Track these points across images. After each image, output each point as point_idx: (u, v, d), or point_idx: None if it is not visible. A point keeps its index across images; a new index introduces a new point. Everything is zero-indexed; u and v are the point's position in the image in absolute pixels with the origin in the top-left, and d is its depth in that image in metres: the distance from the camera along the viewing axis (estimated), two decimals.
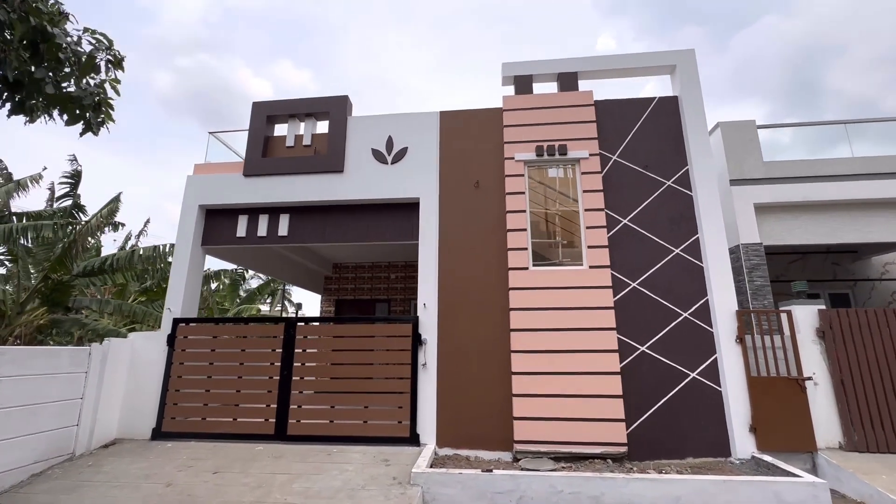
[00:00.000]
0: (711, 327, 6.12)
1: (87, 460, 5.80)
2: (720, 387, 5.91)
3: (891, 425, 5.49)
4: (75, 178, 9.35)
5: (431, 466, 5.51)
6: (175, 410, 6.54)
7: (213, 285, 15.05)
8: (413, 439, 6.09)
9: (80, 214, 9.44)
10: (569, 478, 4.77)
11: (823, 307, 5.99)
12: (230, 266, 15.52)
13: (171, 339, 6.81)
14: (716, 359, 6.00)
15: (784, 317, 6.06)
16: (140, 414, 6.55)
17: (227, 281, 17.37)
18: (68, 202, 9.24)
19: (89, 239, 9.83)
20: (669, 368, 6.03)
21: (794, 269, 11.34)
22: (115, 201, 10.75)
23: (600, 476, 4.74)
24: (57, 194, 9.06)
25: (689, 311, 6.20)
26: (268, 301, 26.85)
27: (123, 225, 10.40)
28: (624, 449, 5.72)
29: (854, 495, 4.94)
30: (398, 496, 4.71)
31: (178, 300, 7.06)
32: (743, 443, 5.64)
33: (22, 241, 8.33)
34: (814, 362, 5.85)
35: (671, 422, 5.86)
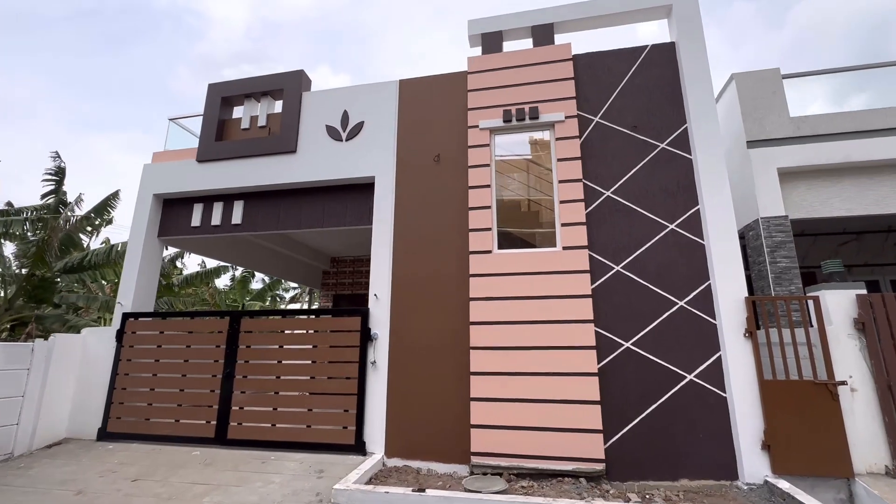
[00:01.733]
0: (714, 319, 4.96)
1: (22, 461, 5.52)
2: (725, 392, 4.76)
3: None
4: (59, 174, 9.35)
5: (371, 481, 4.78)
6: (121, 410, 6.18)
7: (220, 282, 15.06)
8: (359, 447, 5.36)
9: (67, 211, 9.43)
10: (512, 502, 3.86)
11: (863, 291, 4.68)
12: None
13: (119, 335, 6.47)
14: (719, 357, 4.85)
15: (811, 304, 4.80)
16: (89, 413, 6.25)
17: (236, 277, 17.45)
18: (52, 199, 9.24)
19: (81, 236, 9.87)
20: (661, 369, 4.94)
21: (845, 251, 9.60)
22: (111, 199, 10.76)
23: (550, 502, 3.80)
24: (42, 191, 9.07)
25: (686, 300, 5.07)
26: (304, 298, 26.83)
27: (110, 222, 10.36)
28: (601, 466, 4.71)
29: None
30: None
31: (130, 294, 6.71)
32: (753, 463, 4.48)
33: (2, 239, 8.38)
34: (850, 362, 4.57)
35: (662, 434, 4.78)
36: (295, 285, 23.75)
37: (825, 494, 4.31)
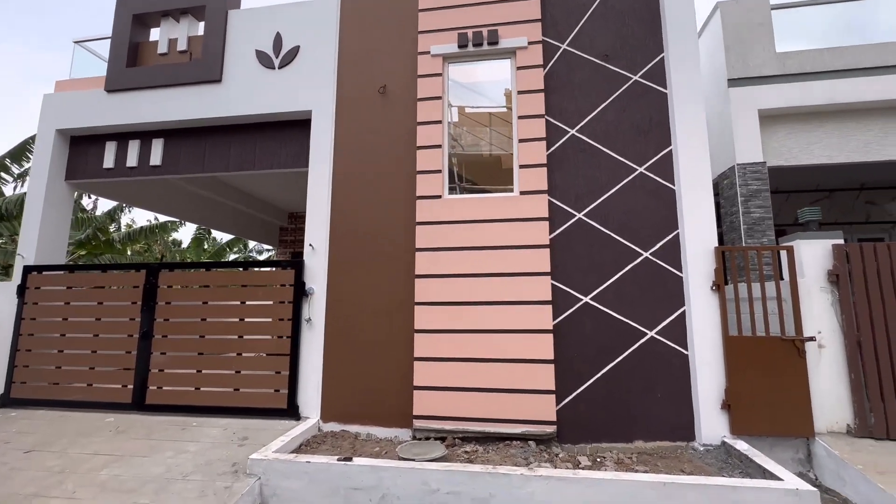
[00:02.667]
0: (681, 271, 4.52)
1: None
2: (687, 350, 4.39)
3: None
4: None
5: (302, 447, 4.32)
6: (26, 374, 5.48)
7: (174, 238, 14.03)
8: (292, 412, 4.86)
9: None
10: (448, 473, 3.44)
11: (840, 241, 4.29)
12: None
13: (21, 291, 5.67)
14: (683, 312, 4.45)
15: (783, 255, 4.39)
16: None
17: (195, 234, 16.35)
18: None
19: None
20: (620, 325, 4.52)
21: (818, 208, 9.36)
22: (30, 142, 9.52)
23: (489, 472, 3.39)
24: None
25: (652, 251, 4.59)
26: (274, 257, 25.70)
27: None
28: (551, 429, 4.35)
29: (860, 502, 3.47)
30: (220, 491, 3.51)
31: (33, 245, 5.85)
32: (711, 424, 4.18)
33: None
34: (821, 317, 4.24)
35: (618, 394, 4.41)
36: (271, 247, 22.70)
37: (783, 454, 4.06)
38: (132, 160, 6.01)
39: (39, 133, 6.15)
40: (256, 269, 5.50)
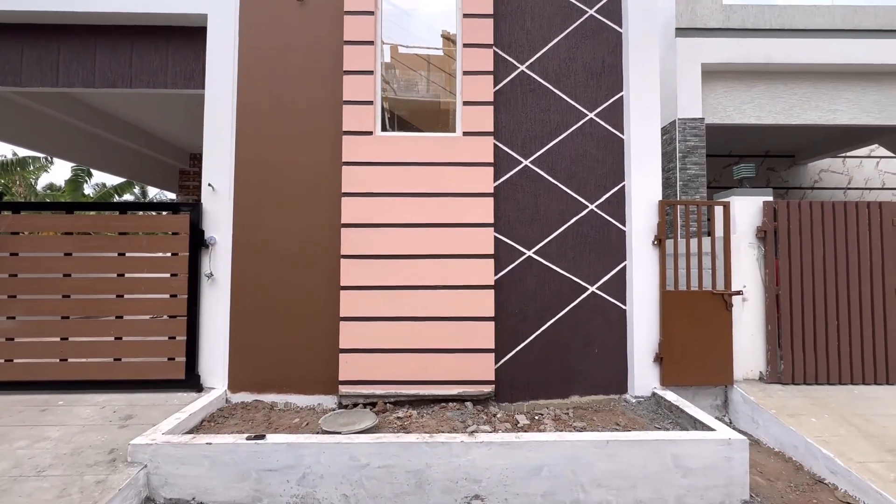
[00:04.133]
0: (625, 225, 4.37)
1: None
2: (625, 305, 4.33)
3: (826, 350, 4.24)
4: None
5: (203, 425, 3.66)
6: None
7: (51, 180, 11.54)
8: (192, 382, 4.12)
9: None
10: (379, 445, 3.04)
11: (770, 198, 4.38)
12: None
13: None
14: (624, 267, 4.34)
15: (719, 211, 4.41)
16: None
17: (70, 174, 13.67)
18: None
19: None
20: (563, 280, 4.31)
21: (727, 173, 10.02)
22: None
23: (426, 441, 3.04)
24: None
25: (598, 203, 4.37)
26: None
27: None
28: (490, 388, 4.12)
29: (772, 443, 3.71)
30: (89, 486, 2.79)
31: None
32: (644, 376, 4.22)
33: None
34: (747, 272, 4.37)
35: (557, 351, 4.28)
36: (173, 196, 19.89)
37: (703, 402, 4.25)
38: None
39: None
40: (139, 212, 4.43)
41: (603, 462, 3.01)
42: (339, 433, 3.24)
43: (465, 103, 4.29)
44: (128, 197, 14.65)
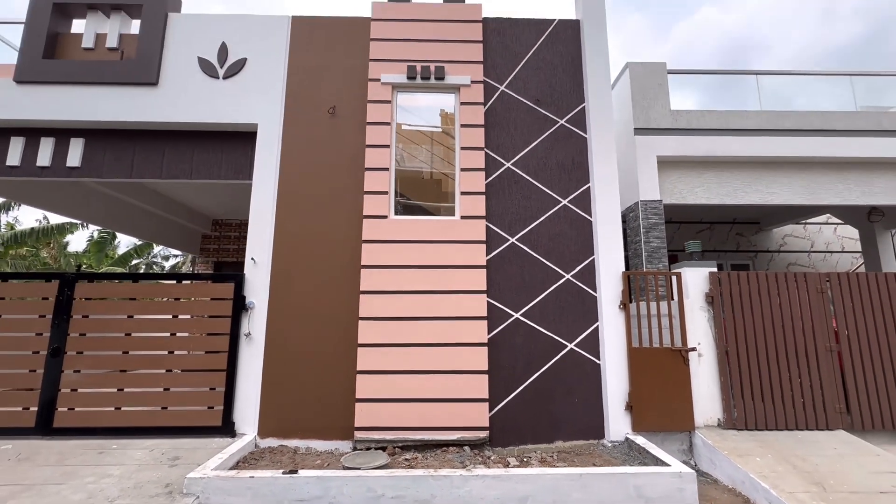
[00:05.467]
0: (595, 291, 5.24)
1: None
2: (599, 360, 5.10)
3: (772, 399, 4.95)
4: None
5: (240, 464, 4.27)
6: None
7: (76, 243, 12.52)
8: (227, 429, 4.76)
9: None
10: (392, 478, 3.68)
11: (715, 269, 5.29)
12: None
13: None
14: (597, 327, 5.16)
15: (674, 280, 5.31)
16: None
17: (97, 237, 14.69)
18: None
19: None
20: (545, 339, 5.11)
21: (701, 237, 11.11)
22: None
23: (431, 475, 3.70)
24: None
25: (573, 273, 5.28)
26: (185, 268, 23.60)
27: None
28: (485, 434, 4.77)
29: (726, 480, 4.32)
30: None
31: None
32: (617, 423, 4.89)
33: None
34: (700, 331, 5.18)
35: (542, 400, 4.98)
36: (177, 252, 20.92)
37: (672, 446, 4.87)
38: (44, 159, 5.50)
39: None
40: (191, 281, 5.30)
41: (578, 492, 3.66)
42: (359, 469, 3.89)
43: (463, 193, 5.33)
44: (144, 257, 15.56)
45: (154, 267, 19.91)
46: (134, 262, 14.78)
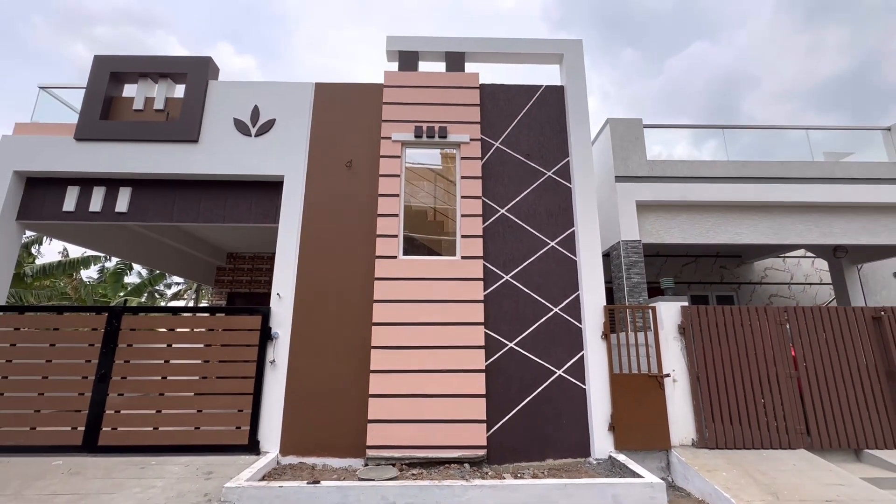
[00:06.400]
0: (580, 323, 5.92)
1: None
2: (584, 385, 5.71)
3: (739, 421, 5.53)
4: None
5: (265, 478, 4.81)
6: None
7: (87, 274, 13.22)
8: (252, 447, 5.33)
9: None
10: (402, 487, 4.26)
11: (686, 304, 5.98)
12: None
13: None
14: (582, 356, 5.80)
15: (650, 313, 5.99)
16: None
17: (115, 269, 15.42)
18: None
19: None
20: (536, 366, 5.75)
21: (687, 270, 11.83)
22: None
23: (437, 485, 4.28)
24: None
25: (560, 307, 5.97)
26: (190, 297, 24.29)
27: None
28: (483, 452, 5.34)
29: (697, 493, 4.87)
30: None
31: None
32: (602, 442, 5.46)
33: None
34: (674, 359, 5.81)
35: (534, 422, 5.56)
36: (179, 281, 21.60)
37: (651, 464, 5.42)
38: (96, 205, 6.29)
39: None
40: (223, 314, 5.98)
41: (564, 500, 4.22)
42: (373, 480, 4.46)
43: (463, 236, 6.08)
44: (158, 286, 16.21)
45: (156, 294, 20.56)
46: (147, 290, 15.43)
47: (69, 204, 6.29)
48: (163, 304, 21.79)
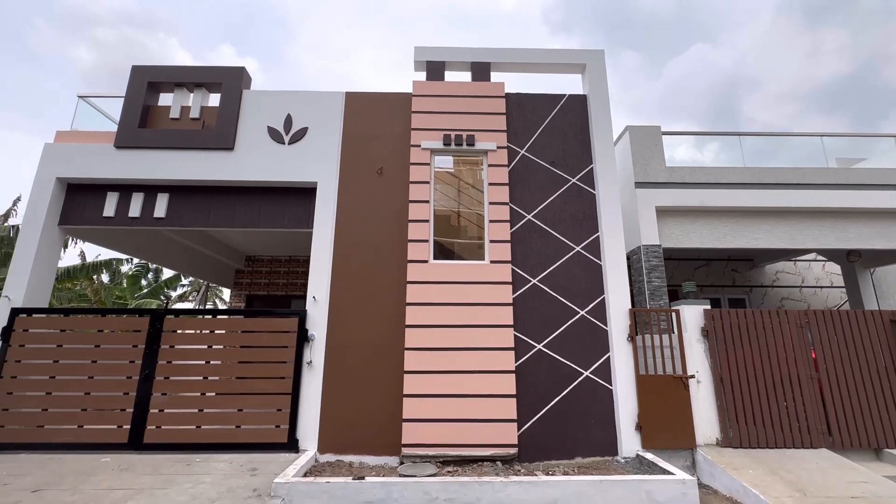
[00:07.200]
0: (606, 326, 6.09)
1: None
2: (611, 385, 5.89)
3: (762, 421, 5.70)
4: None
5: (305, 475, 5.00)
6: (4, 417, 5.51)
7: (106, 276, 13.44)
8: (291, 445, 5.52)
9: None
10: (444, 483, 4.44)
11: (708, 307, 6.16)
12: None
13: (6, 333, 5.75)
14: (608, 357, 5.98)
15: (673, 316, 6.16)
16: None
17: (131, 271, 15.66)
18: None
19: None
20: (564, 367, 5.92)
21: (699, 274, 11.99)
22: None
23: (477, 481, 4.46)
24: None
25: (586, 310, 6.15)
26: (194, 298, 24.58)
27: None
28: (514, 450, 5.51)
29: (724, 491, 5.04)
30: None
31: (21, 287, 5.99)
32: (629, 441, 5.63)
33: None
34: (698, 361, 5.98)
35: (563, 421, 5.74)
36: (184, 283, 21.82)
37: (676, 462, 5.58)
38: (135, 211, 6.50)
39: (38, 180, 6.42)
40: (261, 317, 6.19)
41: (598, 496, 4.40)
42: (415, 476, 4.64)
43: (491, 241, 6.27)
44: (171, 289, 16.44)
45: (161, 297, 20.77)
46: (162, 293, 15.66)
47: (109, 209, 6.50)
48: (173, 306, 22.07)
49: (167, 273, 16.48)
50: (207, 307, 22.25)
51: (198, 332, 6.01)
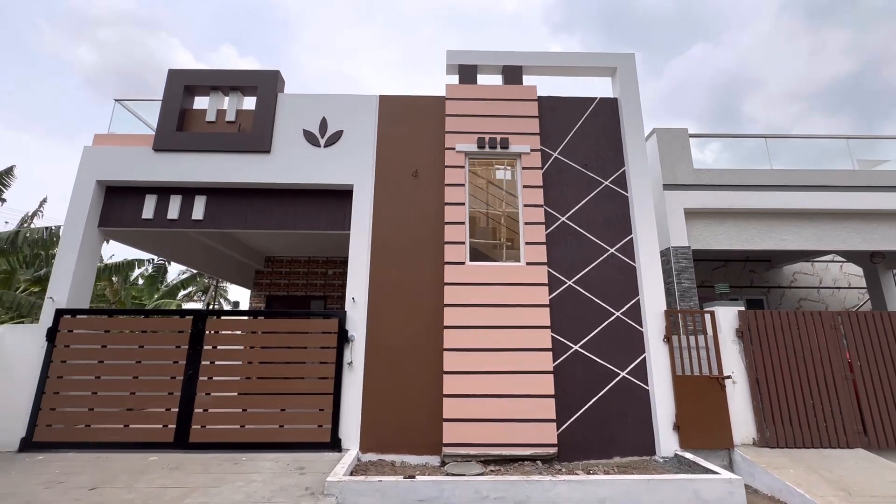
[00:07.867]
0: (641, 327, 6.16)
1: None
2: (647, 386, 5.95)
3: (798, 422, 5.76)
4: None
5: (351, 474, 5.07)
6: (52, 417, 5.59)
7: (128, 276, 13.54)
8: (334, 444, 5.59)
9: None
10: (494, 482, 4.51)
11: (743, 308, 6.22)
12: (146, 255, 14.13)
13: (51, 334, 5.84)
14: (644, 358, 6.04)
15: (707, 317, 6.23)
16: (7, 421, 5.54)
17: (148, 271, 15.77)
18: None
19: None
20: (600, 367, 5.99)
21: (717, 274, 12.04)
22: (4, 175, 9.32)
23: (526, 479, 4.53)
24: None
25: (621, 311, 6.21)
26: (200, 298, 24.82)
27: (4, 201, 8.99)
28: (554, 450, 5.58)
29: (765, 489, 5.10)
30: None
31: (65, 288, 6.07)
32: (667, 441, 5.70)
33: None
34: (733, 361, 6.04)
35: (600, 421, 5.81)
36: (201, 293, 22.05)
37: (714, 462, 5.63)
38: (173, 213, 6.58)
39: (78, 182, 6.50)
40: (302, 318, 6.26)
41: (646, 495, 4.47)
42: (464, 475, 4.71)
43: (527, 243, 6.34)
44: (188, 289, 16.54)
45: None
46: (180, 291, 15.76)
47: (148, 212, 6.58)
48: (191, 303, 22.28)
49: (171, 274, 16.63)
50: (211, 308, 22.39)
51: (238, 332, 6.08)
